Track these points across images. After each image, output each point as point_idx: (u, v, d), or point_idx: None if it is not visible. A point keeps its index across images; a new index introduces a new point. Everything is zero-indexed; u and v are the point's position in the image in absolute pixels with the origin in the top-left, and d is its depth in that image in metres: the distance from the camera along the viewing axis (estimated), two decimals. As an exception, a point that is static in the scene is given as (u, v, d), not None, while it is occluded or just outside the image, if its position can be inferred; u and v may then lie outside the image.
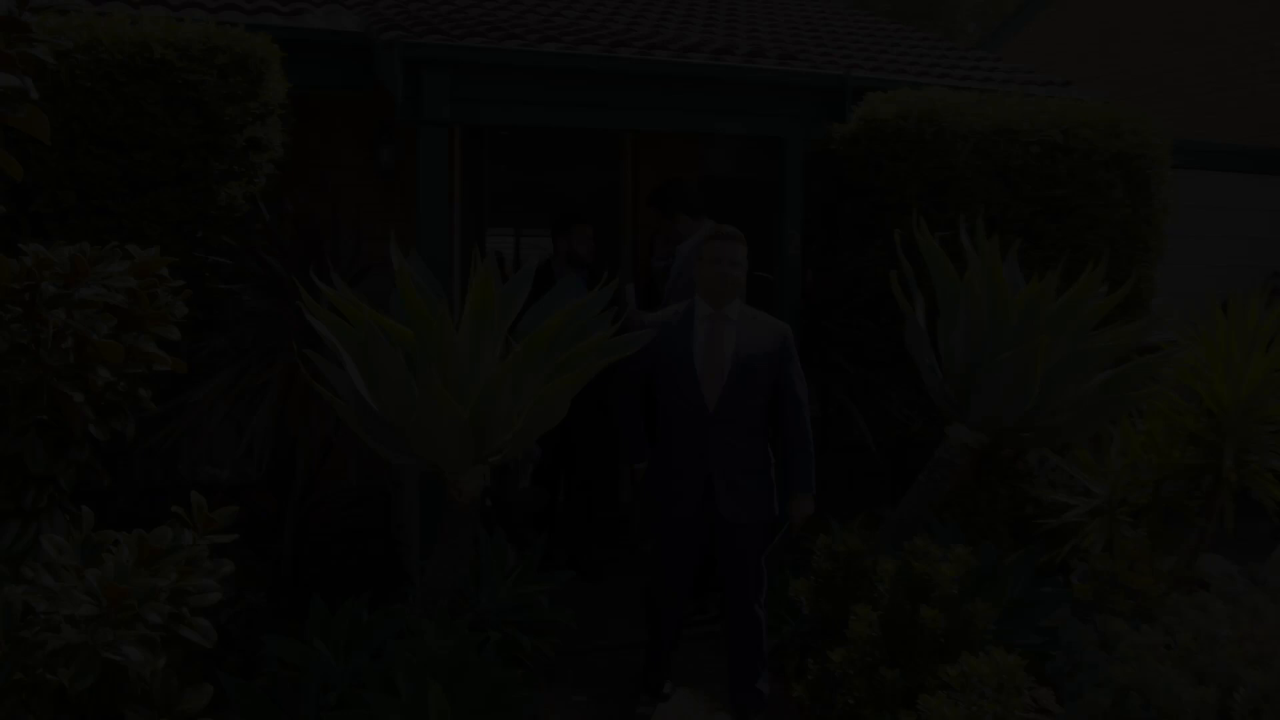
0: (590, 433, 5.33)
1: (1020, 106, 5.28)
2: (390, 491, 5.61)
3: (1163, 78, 9.94)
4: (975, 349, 4.03)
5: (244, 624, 3.93)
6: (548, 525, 5.16)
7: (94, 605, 2.27)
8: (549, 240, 5.62)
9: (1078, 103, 5.46)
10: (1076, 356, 3.93)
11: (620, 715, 3.95)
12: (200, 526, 2.73)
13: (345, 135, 5.46)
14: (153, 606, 2.35)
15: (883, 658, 3.41)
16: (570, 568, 5.08)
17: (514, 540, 4.51)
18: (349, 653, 3.70)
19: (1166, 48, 9.92)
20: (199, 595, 2.63)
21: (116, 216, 3.93)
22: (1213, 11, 9.40)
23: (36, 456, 2.53)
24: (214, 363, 4.07)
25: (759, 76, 4.68)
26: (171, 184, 4.00)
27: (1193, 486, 4.36)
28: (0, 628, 2.33)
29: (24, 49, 2.31)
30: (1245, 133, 9.07)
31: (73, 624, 2.27)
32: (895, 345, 5.24)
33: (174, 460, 4.57)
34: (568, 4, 6.69)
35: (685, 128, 4.78)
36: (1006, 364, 3.80)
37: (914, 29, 8.10)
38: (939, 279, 4.24)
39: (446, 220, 4.27)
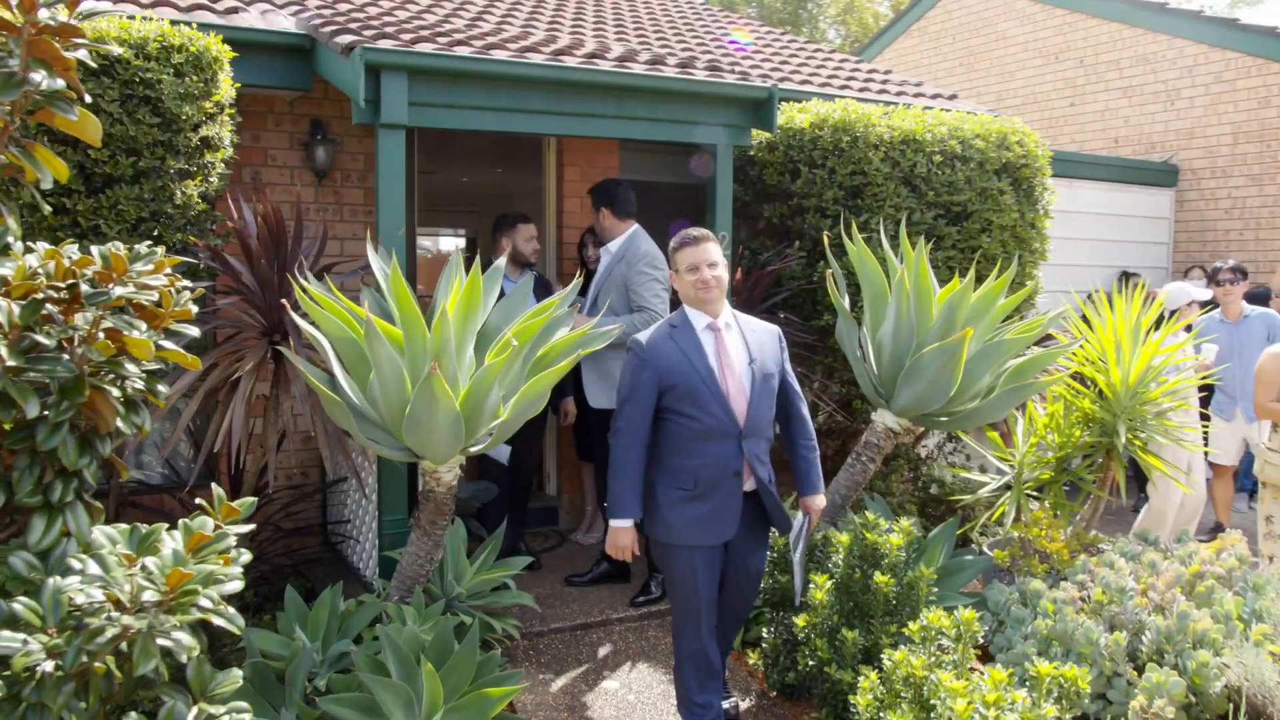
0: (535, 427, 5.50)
1: (921, 118, 5.74)
2: (325, 488, 5.65)
3: (1022, 91, 10.77)
4: (902, 341, 4.42)
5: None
6: (497, 516, 5.31)
7: (156, 591, 2.35)
8: (438, 239, 5.72)
9: (970, 116, 5.96)
10: (991, 348, 4.36)
11: (588, 690, 4.16)
12: (222, 518, 2.82)
13: (278, 134, 5.46)
14: (205, 594, 2.45)
15: (841, 621, 3.75)
16: (512, 555, 5.27)
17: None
18: (328, 641, 3.81)
19: (1025, 64, 10.75)
20: (223, 584, 2.73)
21: (73, 215, 3.89)
22: (1066, 32, 10.26)
23: (69, 451, 2.58)
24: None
25: (701, 87, 4.95)
26: (128, 182, 3.98)
27: (1089, 462, 4.89)
28: (52, 619, 2.39)
29: (71, 53, 2.37)
30: (1098, 144, 9.95)
31: (129, 611, 2.35)
32: (813, 339, 5.64)
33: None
34: (485, 8, 6.82)
35: (628, 135, 5.00)
36: (933, 355, 4.19)
37: (807, 39, 8.55)
38: (867, 279, 4.61)
39: (403, 220, 4.38)
